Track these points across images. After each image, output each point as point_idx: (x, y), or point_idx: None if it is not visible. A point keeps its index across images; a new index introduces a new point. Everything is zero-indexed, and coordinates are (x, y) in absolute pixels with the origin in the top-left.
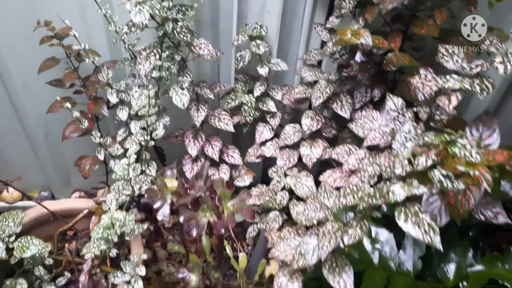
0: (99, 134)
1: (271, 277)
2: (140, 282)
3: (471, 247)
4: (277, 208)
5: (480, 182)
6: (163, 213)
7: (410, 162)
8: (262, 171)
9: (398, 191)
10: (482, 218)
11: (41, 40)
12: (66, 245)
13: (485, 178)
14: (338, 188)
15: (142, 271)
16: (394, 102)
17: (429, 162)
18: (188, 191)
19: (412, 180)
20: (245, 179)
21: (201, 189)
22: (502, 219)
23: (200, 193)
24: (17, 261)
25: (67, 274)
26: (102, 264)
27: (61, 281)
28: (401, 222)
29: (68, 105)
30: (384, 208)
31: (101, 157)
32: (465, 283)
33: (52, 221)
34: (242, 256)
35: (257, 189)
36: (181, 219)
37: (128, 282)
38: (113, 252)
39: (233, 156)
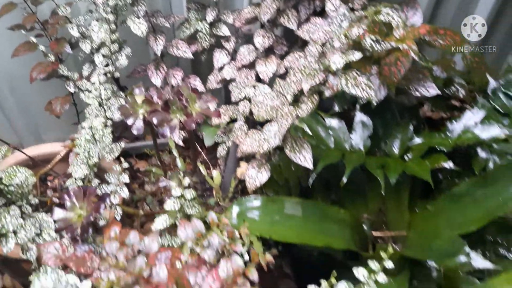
0: (66, 68)
1: (243, 186)
2: (126, 189)
3: (411, 125)
4: (241, 117)
5: (408, 54)
6: (137, 127)
7: (346, 37)
8: (224, 100)
9: (338, 60)
10: (417, 93)
11: None
12: (49, 184)
13: (412, 49)
14: None
15: (125, 178)
16: (332, 3)
17: (360, 31)
18: (158, 101)
19: (349, 50)
20: (209, 106)
21: (169, 93)
22: (433, 91)
23: (169, 96)
24: (5, 201)
25: (55, 200)
26: None
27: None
28: (344, 86)
29: (32, 38)
30: (336, 108)
31: (70, 89)
32: (409, 155)
33: (31, 167)
34: (216, 173)
35: (221, 109)
36: (154, 120)
37: (115, 192)
38: (95, 182)
39: (195, 83)
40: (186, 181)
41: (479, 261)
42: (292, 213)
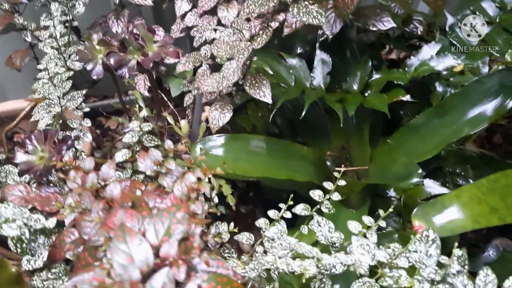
0: (22, 18)
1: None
2: (89, 135)
3: (370, 61)
4: (204, 61)
5: None
6: (96, 72)
7: None
8: (190, 50)
9: None
10: (375, 28)
11: None
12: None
13: None
14: None
15: (88, 122)
16: None
17: None
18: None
19: None
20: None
21: (125, 33)
22: (388, 24)
23: (124, 36)
24: None
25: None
26: None
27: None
28: (296, 15)
29: None
30: (298, 50)
31: (28, 39)
32: (368, 92)
33: None
34: (183, 122)
35: (185, 57)
36: (111, 61)
37: (78, 137)
38: (60, 134)
39: (158, 33)
40: (143, 113)
41: (435, 188)
42: (256, 150)
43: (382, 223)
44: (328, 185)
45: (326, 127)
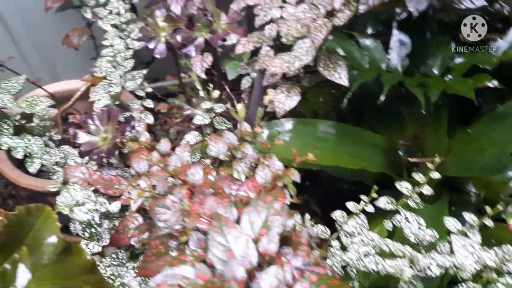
0: None
1: (269, 117)
2: (150, 116)
3: (453, 42)
4: (268, 41)
5: None
6: (159, 51)
7: None
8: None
9: None
10: (462, 6)
11: None
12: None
13: None
14: None
15: (150, 103)
16: None
17: None
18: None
19: None
20: (232, 38)
21: (192, 8)
22: (479, 2)
23: (192, 12)
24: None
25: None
26: None
27: None
28: None
29: None
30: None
31: (87, 15)
32: (449, 76)
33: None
34: (240, 106)
35: (245, 39)
36: (178, 38)
37: (139, 119)
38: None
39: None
40: (216, 93)
41: None
42: (324, 136)
43: (489, 222)
44: (417, 176)
45: (398, 114)
